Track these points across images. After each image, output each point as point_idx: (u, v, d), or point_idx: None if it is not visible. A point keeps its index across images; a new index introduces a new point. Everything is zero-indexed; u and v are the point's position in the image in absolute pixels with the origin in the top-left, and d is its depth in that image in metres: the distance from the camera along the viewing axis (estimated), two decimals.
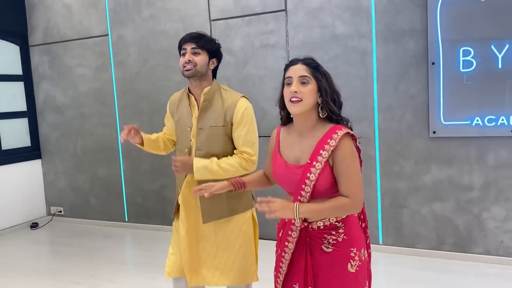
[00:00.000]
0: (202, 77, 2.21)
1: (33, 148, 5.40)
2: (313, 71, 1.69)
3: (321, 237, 1.70)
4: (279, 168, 1.77)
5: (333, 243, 1.70)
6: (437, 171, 3.63)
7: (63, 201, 5.38)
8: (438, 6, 3.45)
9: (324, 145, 1.66)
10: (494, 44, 3.34)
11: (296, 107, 1.67)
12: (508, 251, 3.49)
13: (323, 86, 1.69)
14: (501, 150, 3.44)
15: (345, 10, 3.78)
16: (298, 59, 1.73)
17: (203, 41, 2.20)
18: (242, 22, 4.17)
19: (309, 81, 1.68)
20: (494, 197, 3.49)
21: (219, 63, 2.30)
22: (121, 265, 3.98)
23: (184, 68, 2.19)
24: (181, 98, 2.33)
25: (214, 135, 2.18)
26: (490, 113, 3.40)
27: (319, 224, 1.71)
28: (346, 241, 1.71)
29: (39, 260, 4.17)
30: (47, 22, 5.15)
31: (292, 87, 1.67)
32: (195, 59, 2.17)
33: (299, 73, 1.68)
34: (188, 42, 2.19)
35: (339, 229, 1.70)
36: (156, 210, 4.84)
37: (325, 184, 1.67)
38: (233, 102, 2.20)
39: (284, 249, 1.76)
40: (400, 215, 3.79)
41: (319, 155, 1.65)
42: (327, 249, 1.70)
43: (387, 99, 3.74)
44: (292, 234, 1.73)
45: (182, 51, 2.23)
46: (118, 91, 4.86)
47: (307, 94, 1.67)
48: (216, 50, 2.25)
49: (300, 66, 1.70)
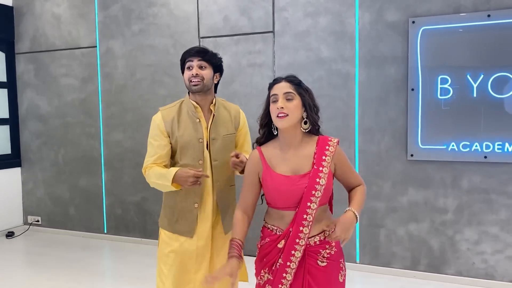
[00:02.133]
0: (207, 91, 2.21)
1: (13, 156, 5.34)
2: (297, 88, 1.79)
3: (317, 252, 1.77)
4: (279, 183, 1.77)
5: (328, 257, 1.78)
6: (414, 193, 3.75)
7: (41, 211, 5.31)
8: (418, 35, 3.62)
9: (325, 151, 1.79)
10: (469, 73, 3.51)
11: (283, 122, 1.75)
12: (479, 272, 3.61)
13: (306, 101, 1.79)
14: (474, 175, 3.58)
15: (330, 34, 3.92)
16: (282, 77, 1.83)
17: (209, 55, 2.20)
18: (230, 41, 4.28)
19: (294, 97, 1.77)
20: (467, 220, 3.62)
21: (221, 77, 2.32)
22: (99, 277, 3.95)
23: (191, 82, 2.16)
24: (178, 114, 2.22)
25: (227, 143, 2.24)
26: (465, 139, 3.56)
27: (315, 240, 1.77)
28: (337, 253, 1.81)
29: (14, 270, 4.10)
30: (35, 30, 5.16)
31: (278, 103, 1.76)
32: (202, 73, 2.16)
33: (284, 90, 1.77)
34: (194, 56, 2.17)
35: (332, 242, 1.79)
36: (136, 223, 4.82)
37: (330, 189, 1.80)
38: (237, 111, 2.35)
39: (286, 269, 1.75)
40: (377, 235, 3.89)
41: (323, 160, 1.77)
42: (322, 264, 1.77)
43: (368, 122, 3.86)
44: (295, 254, 1.74)
45: (187, 65, 2.19)
46: (103, 102, 4.88)
47: (293, 109, 1.76)
48: (219, 65, 2.27)
49: (284, 84, 1.79)
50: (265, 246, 1.83)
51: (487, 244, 3.57)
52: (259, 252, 1.87)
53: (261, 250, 1.85)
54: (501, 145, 3.46)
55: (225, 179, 2.25)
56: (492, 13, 3.43)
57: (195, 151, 2.19)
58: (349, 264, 3.95)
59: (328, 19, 3.92)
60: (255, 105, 4.07)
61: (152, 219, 4.72)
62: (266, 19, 4.13)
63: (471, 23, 3.49)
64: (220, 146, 2.22)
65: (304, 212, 1.73)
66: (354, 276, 3.82)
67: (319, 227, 1.79)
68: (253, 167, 1.86)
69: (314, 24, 3.96)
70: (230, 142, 2.26)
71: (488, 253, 3.57)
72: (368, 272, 3.88)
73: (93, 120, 4.95)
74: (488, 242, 3.57)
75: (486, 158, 3.50)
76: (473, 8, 3.50)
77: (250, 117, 4.49)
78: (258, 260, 1.88)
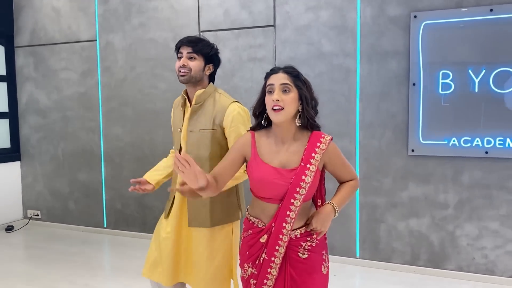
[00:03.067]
0: (197, 83, 2.19)
1: (12, 150, 5.33)
2: (294, 80, 1.72)
3: (298, 244, 1.76)
4: (264, 172, 1.74)
5: (309, 249, 1.77)
6: (414, 188, 3.75)
7: (41, 205, 5.31)
8: (420, 30, 3.60)
9: (315, 148, 1.73)
10: (471, 68, 3.50)
11: (278, 116, 1.70)
12: (479, 268, 3.61)
13: (303, 94, 1.73)
14: (475, 170, 3.58)
15: (331, 28, 3.90)
16: (279, 67, 1.76)
17: (200, 45, 2.16)
18: (231, 35, 4.25)
19: (291, 89, 1.71)
20: (467, 216, 3.62)
21: (217, 68, 2.29)
22: (98, 271, 3.94)
23: (179, 73, 2.16)
24: (180, 101, 2.30)
25: (203, 138, 2.15)
26: (466, 134, 3.55)
27: (296, 233, 1.76)
28: (319, 245, 1.80)
29: (13, 264, 4.10)
30: (35, 24, 5.13)
31: (274, 95, 1.70)
32: (190, 64, 2.14)
33: (280, 81, 1.71)
34: (185, 46, 2.16)
35: (313, 234, 1.78)
36: (136, 217, 4.82)
37: (315, 187, 1.77)
38: (223, 106, 2.17)
39: (271, 265, 1.75)
40: (377, 230, 3.88)
41: (312, 158, 1.73)
42: (303, 255, 1.76)
43: (369, 117, 3.85)
44: (279, 249, 1.74)
45: (178, 55, 2.19)
46: (103, 96, 4.86)
47: (289, 102, 1.70)
48: (212, 56, 2.22)
49: (281, 75, 1.72)
50: (247, 238, 1.83)
51: (487, 239, 3.57)
52: (242, 244, 1.87)
53: (244, 242, 1.85)
54: (502, 141, 3.45)
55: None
56: (495, 8, 3.40)
57: (176, 140, 2.29)
58: (349, 259, 3.96)
59: (329, 13, 3.90)
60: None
61: (152, 213, 4.72)
62: (267, 13, 4.11)
63: (473, 18, 3.47)
64: (195, 139, 2.17)
65: (288, 208, 1.71)
66: (354, 271, 3.82)
67: (300, 221, 1.78)
68: (241, 147, 1.82)
69: (316, 18, 3.94)
70: (206, 137, 2.15)
71: (489, 248, 3.57)
72: (368, 267, 3.88)
73: (93, 114, 4.93)
74: (488, 238, 3.57)
75: (487, 153, 3.49)
76: (475, 2, 3.48)
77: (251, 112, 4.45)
78: (241, 252, 1.87)
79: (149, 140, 4.68)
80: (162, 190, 2.38)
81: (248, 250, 1.82)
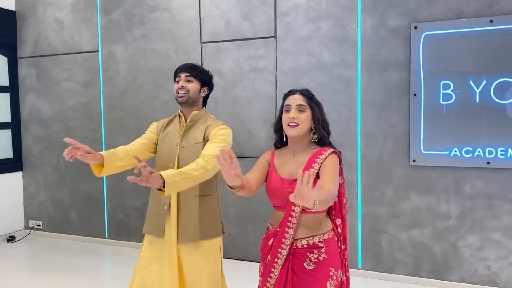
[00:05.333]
0: (193, 103, 2.38)
1: (14, 160, 5.34)
2: (309, 101, 1.96)
3: (304, 255, 1.90)
4: (274, 182, 1.96)
5: (315, 261, 1.89)
6: (416, 198, 3.74)
7: (42, 215, 5.31)
8: (420, 40, 3.62)
9: (315, 159, 1.92)
10: (472, 79, 3.50)
11: (293, 131, 1.93)
12: (482, 279, 3.58)
13: (316, 114, 1.96)
14: (477, 181, 3.57)
15: (332, 39, 3.92)
16: (296, 90, 2.00)
17: (196, 71, 2.40)
18: (232, 46, 4.28)
19: (305, 109, 1.94)
20: (469, 226, 3.60)
21: (210, 91, 2.50)
22: (100, 282, 3.93)
23: (178, 94, 2.36)
24: (170, 120, 2.47)
25: (196, 151, 2.28)
26: (467, 144, 3.54)
27: (303, 243, 1.91)
28: (326, 260, 1.90)
29: (15, 275, 4.09)
30: (38, 35, 5.17)
31: (290, 113, 1.93)
32: (188, 86, 2.35)
33: (297, 102, 1.95)
34: (183, 72, 2.38)
35: (321, 248, 1.90)
36: (137, 228, 4.81)
37: None
38: (212, 125, 2.34)
39: (274, 265, 1.93)
40: (379, 241, 3.87)
41: (311, 167, 1.90)
42: (309, 267, 1.89)
43: (370, 127, 3.85)
44: (281, 252, 1.91)
45: (176, 79, 2.40)
46: (105, 107, 4.89)
47: (303, 120, 1.93)
48: (207, 80, 2.44)
49: (297, 96, 1.96)
50: (262, 241, 2.07)
51: (490, 250, 3.55)
52: (261, 245, 2.09)
53: (261, 244, 2.08)
54: (504, 151, 3.45)
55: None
56: (495, 19, 3.42)
57: (170, 155, 2.35)
58: (351, 270, 3.90)
59: (330, 24, 3.92)
60: (257, 110, 4.12)
61: None
62: (268, 24, 4.13)
63: (474, 29, 3.49)
64: (188, 154, 2.30)
65: (289, 214, 1.89)
66: (356, 282, 3.79)
67: (307, 231, 1.91)
68: (264, 159, 2.05)
69: (316, 29, 3.96)
70: (197, 151, 2.28)
71: (491, 259, 3.55)
72: (370, 278, 3.86)
73: (95, 125, 4.95)
74: (491, 249, 3.55)
75: (489, 163, 3.49)
76: (475, 13, 3.50)
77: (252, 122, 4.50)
78: (260, 251, 2.09)
79: None
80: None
81: (261, 251, 2.05)
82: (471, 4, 3.51)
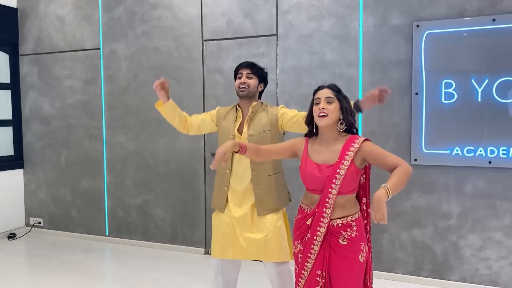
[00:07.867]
0: (252, 97, 2.69)
1: (15, 157, 5.34)
2: (336, 94, 2.16)
3: (339, 232, 2.12)
4: (310, 169, 2.16)
5: (348, 238, 2.11)
6: (417, 197, 3.73)
7: (43, 212, 5.31)
8: (423, 39, 3.61)
9: (349, 147, 2.11)
10: (474, 78, 3.49)
11: (323, 121, 2.13)
12: (483, 279, 3.57)
13: (344, 105, 2.16)
14: (478, 180, 3.55)
15: (334, 38, 3.91)
16: (324, 85, 2.21)
17: (256, 69, 2.71)
18: (234, 44, 4.27)
19: (333, 101, 2.14)
20: (471, 226, 3.59)
21: (265, 87, 2.80)
22: (100, 279, 3.93)
23: (239, 88, 2.66)
24: (228, 112, 2.76)
25: (263, 139, 2.60)
26: (469, 144, 3.53)
27: (338, 222, 2.12)
28: (358, 237, 2.13)
29: (15, 272, 4.09)
30: (39, 32, 5.17)
31: (320, 105, 2.14)
32: (249, 82, 2.66)
33: (325, 95, 2.15)
34: (244, 68, 2.69)
35: (353, 227, 2.13)
36: (138, 225, 4.81)
37: (350, 180, 2.10)
38: (275, 109, 2.69)
39: (313, 242, 2.14)
40: (380, 240, 3.86)
41: (346, 155, 2.10)
42: (343, 242, 2.11)
43: (371, 126, 3.84)
44: (320, 230, 2.13)
45: (238, 75, 2.70)
46: (106, 105, 4.88)
47: (332, 110, 2.13)
48: (264, 77, 2.75)
49: (326, 90, 2.17)
50: (298, 221, 2.26)
51: (491, 250, 3.54)
52: (295, 225, 2.29)
53: (295, 224, 2.28)
54: (506, 150, 3.44)
55: (262, 168, 2.62)
56: (497, 18, 3.41)
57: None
58: None
59: (332, 23, 3.91)
60: None
61: (153, 221, 4.71)
62: (269, 22, 4.12)
63: (476, 28, 3.47)
64: (256, 141, 2.58)
65: (327, 196, 2.09)
66: None
67: (341, 211, 2.12)
68: (295, 143, 2.29)
69: (318, 27, 3.95)
70: (266, 138, 2.61)
71: (492, 259, 3.54)
72: None
73: (96, 122, 4.94)
74: (492, 248, 3.54)
75: (491, 163, 3.47)
76: (478, 12, 3.48)
77: None
78: (294, 231, 2.30)
79: (152, 148, 4.68)
80: (163, 199, 2.37)
81: (297, 230, 2.24)
82: (473, 2, 3.50)
